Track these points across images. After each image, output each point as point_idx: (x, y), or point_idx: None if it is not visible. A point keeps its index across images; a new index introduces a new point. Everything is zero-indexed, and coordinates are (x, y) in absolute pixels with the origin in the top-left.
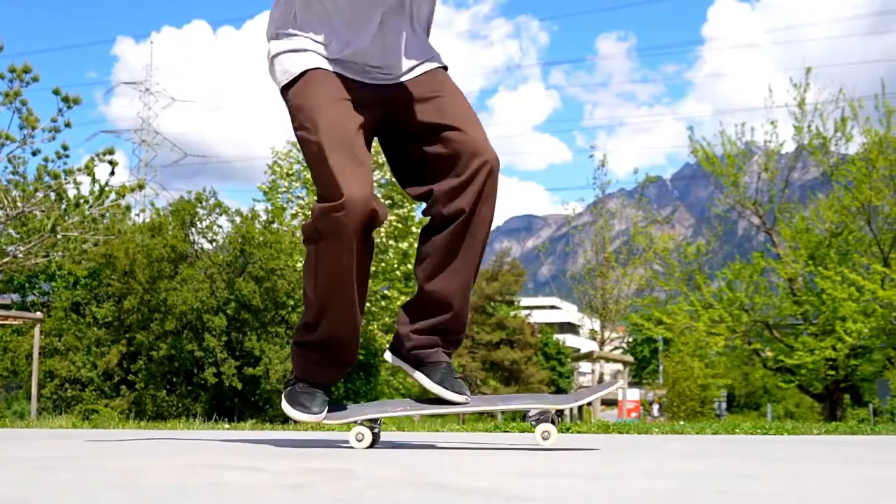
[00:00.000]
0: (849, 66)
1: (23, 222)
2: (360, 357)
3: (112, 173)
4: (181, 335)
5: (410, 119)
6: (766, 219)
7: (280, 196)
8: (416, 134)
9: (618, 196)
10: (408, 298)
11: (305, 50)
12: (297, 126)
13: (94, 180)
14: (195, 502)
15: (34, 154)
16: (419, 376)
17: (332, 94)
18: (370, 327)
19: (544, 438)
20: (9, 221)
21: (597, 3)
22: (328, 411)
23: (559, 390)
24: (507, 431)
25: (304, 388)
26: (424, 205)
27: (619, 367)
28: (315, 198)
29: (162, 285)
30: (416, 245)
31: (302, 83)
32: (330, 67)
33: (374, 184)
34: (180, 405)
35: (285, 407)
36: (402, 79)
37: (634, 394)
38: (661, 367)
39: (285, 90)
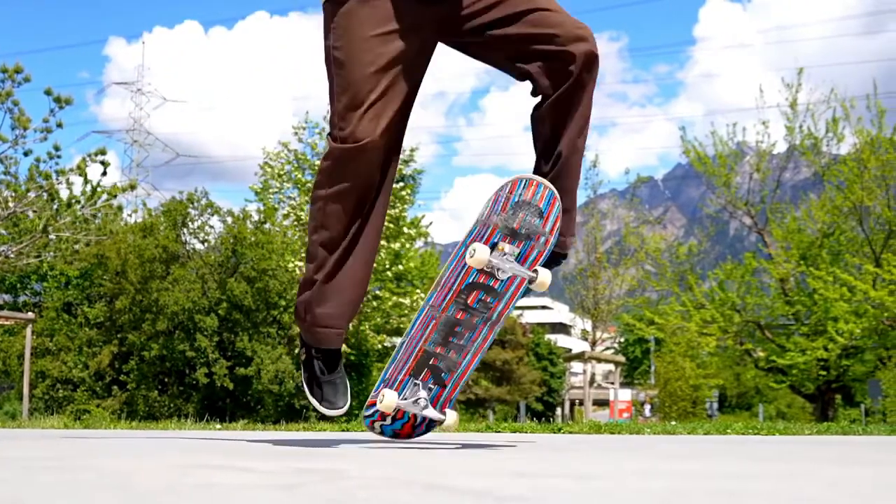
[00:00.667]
0: (841, 67)
1: (14, 223)
2: (352, 357)
3: (104, 174)
4: (173, 335)
5: (484, 17)
6: (757, 219)
7: (272, 197)
8: (497, 24)
9: (609, 196)
10: (400, 299)
11: None
12: (333, 46)
13: (86, 180)
14: (187, 502)
15: (26, 154)
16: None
17: (381, 25)
18: (362, 327)
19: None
20: (0, 222)
21: (588, 4)
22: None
23: (551, 391)
24: (499, 431)
25: (323, 373)
26: (532, 86)
27: (611, 367)
28: (307, 198)
29: (153, 285)
30: (406, 245)
31: (354, 2)
32: None
33: None
34: (172, 405)
35: (310, 399)
36: None
37: (626, 394)
38: (652, 368)
39: (331, 2)
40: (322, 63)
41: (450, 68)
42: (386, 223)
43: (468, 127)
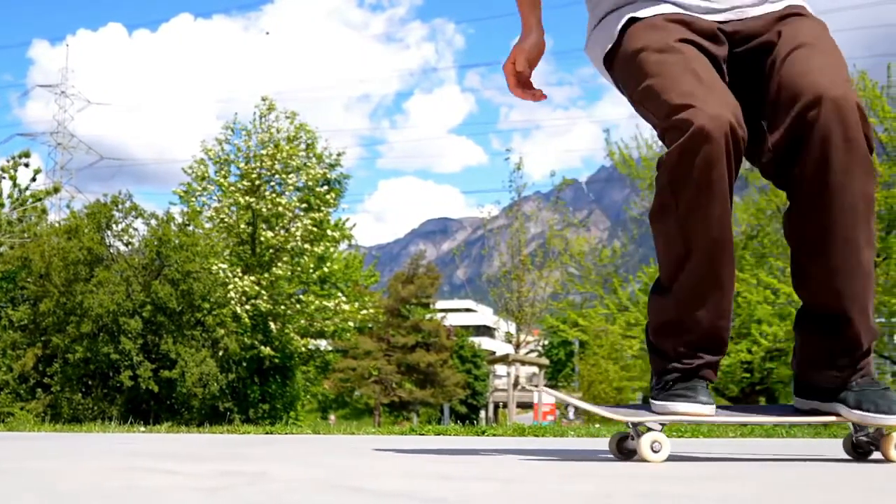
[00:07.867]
0: None
1: None
2: (276, 360)
3: (34, 179)
4: (97, 338)
5: (756, 62)
6: None
7: (195, 200)
8: (760, 81)
9: (533, 199)
10: (324, 302)
11: (624, 4)
12: (632, 95)
13: (14, 184)
14: None
15: None
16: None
17: (664, 38)
18: (286, 329)
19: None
20: None
21: (513, 6)
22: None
23: (475, 393)
24: (423, 434)
25: (677, 377)
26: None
27: (535, 369)
28: (230, 200)
29: (78, 288)
30: (330, 248)
31: (626, 40)
32: (657, 10)
33: (291, 187)
34: (96, 408)
35: (659, 405)
36: (753, 12)
37: (550, 397)
38: (576, 370)
39: (609, 61)
40: (252, 66)
41: (373, 71)
42: (309, 227)
43: (392, 129)
